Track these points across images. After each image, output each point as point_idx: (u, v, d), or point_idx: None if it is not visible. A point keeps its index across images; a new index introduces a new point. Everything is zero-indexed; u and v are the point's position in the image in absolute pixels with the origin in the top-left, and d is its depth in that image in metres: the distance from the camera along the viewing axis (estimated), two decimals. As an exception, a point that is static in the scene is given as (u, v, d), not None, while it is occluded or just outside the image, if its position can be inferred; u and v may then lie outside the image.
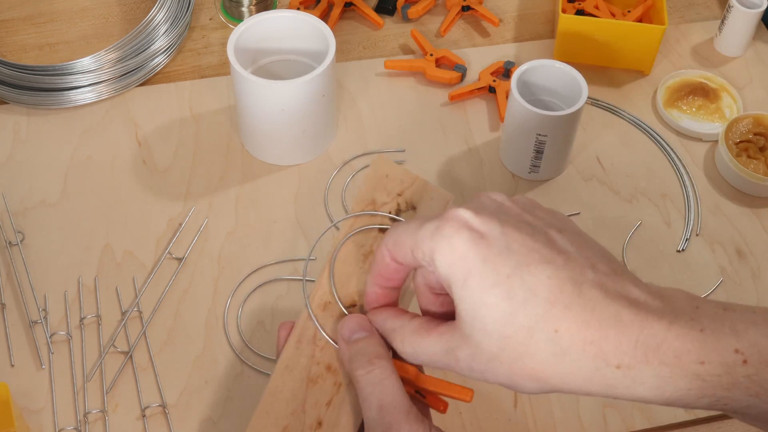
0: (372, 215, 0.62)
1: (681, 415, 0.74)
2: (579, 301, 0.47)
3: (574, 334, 0.47)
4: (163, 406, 0.73)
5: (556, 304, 0.47)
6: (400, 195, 0.63)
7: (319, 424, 0.57)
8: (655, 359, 0.46)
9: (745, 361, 0.46)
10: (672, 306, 0.48)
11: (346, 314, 0.59)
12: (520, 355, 0.48)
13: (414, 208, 0.62)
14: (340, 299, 0.60)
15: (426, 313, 0.56)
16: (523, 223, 0.51)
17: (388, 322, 0.56)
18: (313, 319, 0.59)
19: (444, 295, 0.55)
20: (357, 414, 0.57)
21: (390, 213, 0.62)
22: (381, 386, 0.54)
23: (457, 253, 0.49)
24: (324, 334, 0.59)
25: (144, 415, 0.73)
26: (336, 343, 0.58)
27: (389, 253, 0.54)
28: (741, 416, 0.49)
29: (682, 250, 0.84)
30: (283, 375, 0.58)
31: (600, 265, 0.49)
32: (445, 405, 0.58)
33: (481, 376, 0.50)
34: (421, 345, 0.53)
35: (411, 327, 0.54)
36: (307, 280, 0.80)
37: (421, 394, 0.57)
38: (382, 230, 0.61)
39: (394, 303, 0.58)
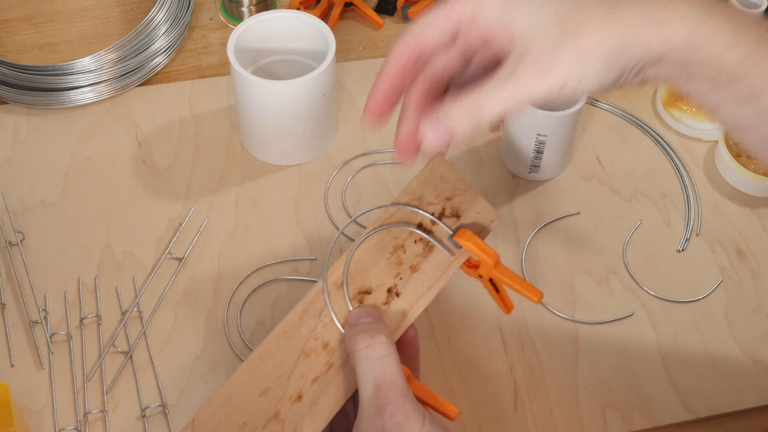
0: (415, 211, 0.61)
1: (681, 415, 0.73)
2: None
3: None
4: (163, 406, 0.73)
5: None
6: (448, 200, 0.62)
7: (299, 397, 0.57)
8: None
9: None
10: None
11: (348, 303, 0.59)
12: (582, 21, 0.50)
13: (458, 216, 0.61)
14: (356, 284, 0.60)
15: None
16: None
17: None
18: (326, 294, 0.59)
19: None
20: (339, 398, 0.57)
21: (433, 214, 0.62)
22: (380, 363, 0.54)
23: None
24: (331, 311, 0.59)
25: (144, 415, 0.73)
26: (340, 324, 0.58)
27: (413, 40, 0.56)
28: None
29: (682, 250, 0.84)
30: (279, 339, 0.58)
31: None
32: (456, 412, 0.58)
33: (553, 71, 0.51)
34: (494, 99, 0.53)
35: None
36: (309, 280, 0.81)
37: None
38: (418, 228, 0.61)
39: (386, 115, 0.59)
